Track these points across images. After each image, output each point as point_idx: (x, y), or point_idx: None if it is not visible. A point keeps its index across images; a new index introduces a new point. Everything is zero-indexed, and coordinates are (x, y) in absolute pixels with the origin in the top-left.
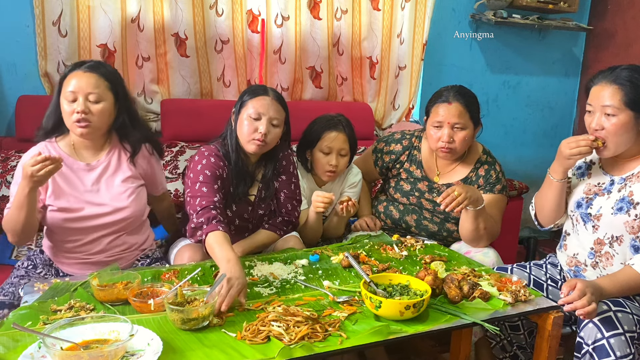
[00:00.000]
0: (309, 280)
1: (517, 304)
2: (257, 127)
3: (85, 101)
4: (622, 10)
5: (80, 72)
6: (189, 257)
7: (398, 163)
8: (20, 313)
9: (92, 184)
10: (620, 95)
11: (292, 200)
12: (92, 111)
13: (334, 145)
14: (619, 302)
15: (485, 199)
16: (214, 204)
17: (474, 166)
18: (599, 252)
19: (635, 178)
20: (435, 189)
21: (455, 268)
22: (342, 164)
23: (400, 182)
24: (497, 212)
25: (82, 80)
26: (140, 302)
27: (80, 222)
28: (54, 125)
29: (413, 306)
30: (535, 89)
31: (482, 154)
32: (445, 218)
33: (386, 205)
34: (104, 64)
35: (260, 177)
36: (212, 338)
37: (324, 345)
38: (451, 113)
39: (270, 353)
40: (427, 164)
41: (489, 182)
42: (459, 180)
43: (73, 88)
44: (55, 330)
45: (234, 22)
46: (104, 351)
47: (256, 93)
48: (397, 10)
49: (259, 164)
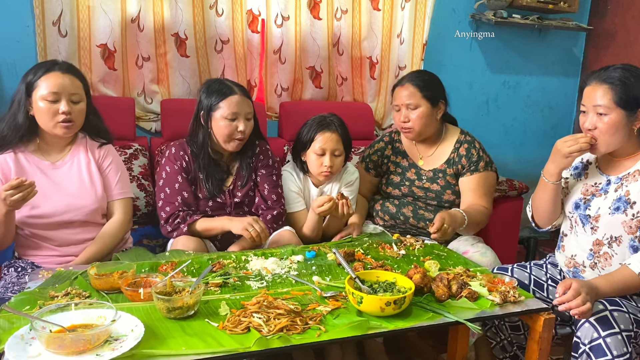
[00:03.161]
0: (302, 275)
1: (505, 304)
2: (236, 126)
3: (68, 102)
4: (622, 10)
5: (59, 73)
6: (183, 244)
7: (385, 158)
8: (20, 297)
9: (58, 181)
10: (610, 94)
11: (275, 191)
12: (73, 111)
13: (328, 147)
14: (615, 302)
15: (472, 180)
16: (176, 208)
17: (454, 147)
18: (598, 252)
19: (632, 177)
20: (424, 176)
21: (451, 268)
22: (337, 164)
23: (391, 176)
24: (486, 190)
25: (64, 81)
26: (132, 291)
27: (46, 219)
28: (24, 133)
29: (394, 302)
30: (535, 89)
31: (460, 135)
32: (438, 204)
33: (382, 203)
34: (73, 65)
35: (235, 170)
36: (194, 327)
37: (301, 338)
38: (403, 94)
39: (247, 343)
40: (410, 152)
41: (472, 161)
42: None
43: (56, 89)
44: (45, 315)
45: (234, 22)
46: (87, 334)
47: (225, 94)
48: (397, 10)
49: (231, 158)
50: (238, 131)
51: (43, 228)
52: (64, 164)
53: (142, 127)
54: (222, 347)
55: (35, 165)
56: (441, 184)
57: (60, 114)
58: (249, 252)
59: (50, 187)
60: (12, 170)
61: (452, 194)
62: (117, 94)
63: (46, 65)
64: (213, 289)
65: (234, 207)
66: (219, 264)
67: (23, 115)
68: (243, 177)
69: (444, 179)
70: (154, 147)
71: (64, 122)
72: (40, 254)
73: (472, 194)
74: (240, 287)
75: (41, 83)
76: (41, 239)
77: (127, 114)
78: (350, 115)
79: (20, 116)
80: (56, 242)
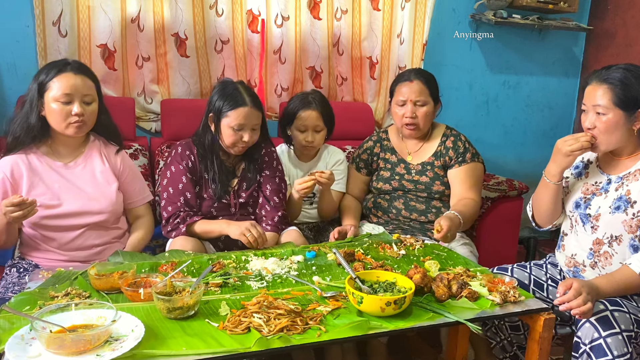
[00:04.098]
0: (302, 275)
1: (505, 304)
2: (240, 136)
3: (81, 103)
4: (622, 10)
5: (72, 74)
6: (180, 244)
7: (375, 156)
8: (20, 298)
9: (70, 182)
10: (610, 95)
11: (278, 193)
12: (86, 112)
13: (309, 123)
14: (616, 302)
15: (460, 171)
16: (177, 208)
17: (441, 140)
18: (598, 252)
19: (632, 177)
20: (412, 170)
21: (451, 268)
22: (317, 139)
23: (381, 172)
24: (475, 181)
25: (77, 81)
26: (132, 291)
27: (58, 220)
28: (37, 134)
29: (394, 302)
30: (535, 89)
31: (446, 129)
32: (429, 195)
33: (374, 200)
34: (84, 65)
35: (240, 172)
36: (194, 327)
37: (301, 338)
38: (413, 90)
39: (248, 343)
40: (398, 148)
41: (459, 153)
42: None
43: (69, 90)
44: (45, 315)
45: (234, 22)
46: (87, 335)
47: (236, 103)
48: (397, 10)
49: (238, 159)
50: (242, 141)
51: (54, 230)
52: (76, 165)
53: (142, 127)
54: (222, 347)
55: (48, 165)
56: (430, 175)
57: (73, 116)
58: (249, 252)
59: (66, 186)
60: (24, 173)
61: (441, 184)
62: (117, 94)
63: (58, 65)
64: (213, 289)
65: (238, 207)
66: (219, 264)
67: (35, 116)
68: (248, 179)
69: (432, 170)
70: (154, 147)
71: (76, 123)
72: (45, 257)
73: (461, 186)
74: (241, 287)
75: (53, 84)
76: (48, 241)
77: (127, 114)
78: (350, 115)
79: (32, 117)
80: (63, 245)
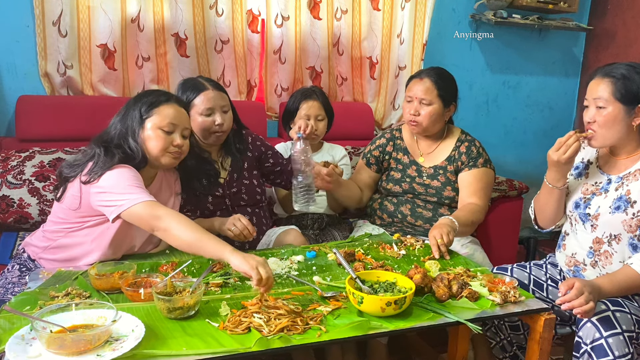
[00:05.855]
0: (302, 275)
1: (505, 304)
2: (213, 120)
3: (181, 136)
4: (622, 10)
5: (177, 105)
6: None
7: (387, 154)
8: (21, 298)
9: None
10: (611, 88)
11: (282, 157)
12: (184, 144)
13: (312, 112)
14: (618, 302)
15: (469, 175)
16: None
17: (455, 145)
18: (598, 251)
19: (632, 177)
20: (424, 173)
21: (451, 268)
22: (320, 127)
23: (391, 173)
24: (483, 186)
25: (181, 114)
26: (133, 291)
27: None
28: (140, 161)
29: (394, 302)
30: (535, 89)
31: (461, 134)
32: (438, 200)
33: (380, 202)
34: (180, 99)
35: (228, 163)
36: (195, 327)
37: (301, 338)
38: (419, 88)
39: (248, 343)
40: (411, 149)
41: (471, 157)
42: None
43: (175, 121)
44: (45, 315)
45: (234, 22)
46: (87, 335)
47: (198, 89)
48: (397, 10)
49: (221, 152)
50: (216, 125)
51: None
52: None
53: None
54: (222, 347)
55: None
56: (442, 180)
57: (173, 146)
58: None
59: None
60: None
61: (452, 190)
62: (117, 94)
63: (162, 93)
64: (213, 289)
65: (232, 197)
66: (219, 264)
67: (134, 143)
68: (236, 168)
69: (445, 175)
70: None
71: (173, 154)
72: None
73: (467, 189)
74: (241, 287)
75: (160, 111)
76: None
77: None
78: (350, 115)
79: (132, 143)
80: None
